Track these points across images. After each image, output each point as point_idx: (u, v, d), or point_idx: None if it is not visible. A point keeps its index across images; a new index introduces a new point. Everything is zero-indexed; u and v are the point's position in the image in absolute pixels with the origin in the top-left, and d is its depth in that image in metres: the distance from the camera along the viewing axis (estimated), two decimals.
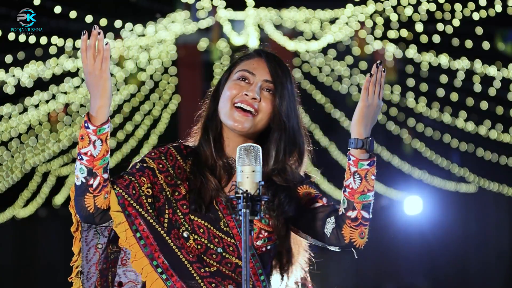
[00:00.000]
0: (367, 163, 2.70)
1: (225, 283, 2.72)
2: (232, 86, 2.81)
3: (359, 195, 2.71)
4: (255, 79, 2.81)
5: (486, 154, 14.15)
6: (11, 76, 10.10)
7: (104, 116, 2.66)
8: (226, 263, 2.74)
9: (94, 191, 2.65)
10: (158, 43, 11.23)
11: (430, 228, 14.95)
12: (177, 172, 2.79)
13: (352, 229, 2.74)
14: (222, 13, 10.66)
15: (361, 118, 2.72)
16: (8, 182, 13.40)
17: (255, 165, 2.53)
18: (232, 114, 2.78)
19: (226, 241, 2.75)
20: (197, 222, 2.74)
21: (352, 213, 2.72)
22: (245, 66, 2.84)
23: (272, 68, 2.81)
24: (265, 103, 2.79)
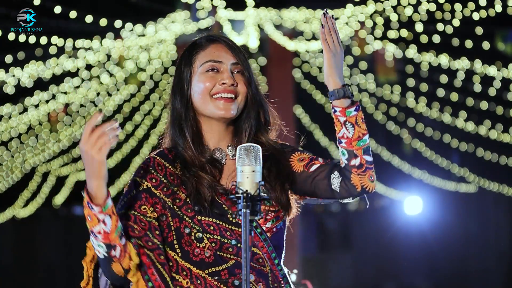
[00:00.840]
0: (354, 109, 2.72)
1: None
2: (204, 79, 2.82)
3: (356, 141, 2.72)
4: (223, 66, 2.83)
5: (486, 154, 14.15)
6: (11, 76, 10.11)
7: (103, 193, 2.70)
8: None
9: (119, 259, 2.68)
10: (158, 43, 11.23)
11: (430, 228, 14.95)
12: (170, 179, 2.79)
13: (361, 176, 2.76)
14: (222, 13, 10.66)
15: (332, 69, 2.74)
16: (8, 182, 13.40)
17: (255, 165, 2.54)
18: (215, 104, 2.80)
19: (237, 232, 2.75)
20: (205, 221, 2.75)
21: (355, 161, 2.74)
22: (206, 56, 2.85)
23: (233, 50, 2.86)
24: (241, 84, 2.83)
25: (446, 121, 12.97)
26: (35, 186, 14.18)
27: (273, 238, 2.81)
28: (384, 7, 10.22)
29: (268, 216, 2.80)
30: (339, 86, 2.73)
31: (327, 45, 2.77)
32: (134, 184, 2.81)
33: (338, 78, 2.74)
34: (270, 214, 2.80)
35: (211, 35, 2.91)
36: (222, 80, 2.81)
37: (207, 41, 2.89)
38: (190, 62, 2.87)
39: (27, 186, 14.20)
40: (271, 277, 2.77)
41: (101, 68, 11.15)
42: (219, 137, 2.85)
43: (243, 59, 2.86)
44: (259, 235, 2.77)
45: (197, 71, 2.84)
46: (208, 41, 2.89)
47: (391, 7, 10.20)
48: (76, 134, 12.65)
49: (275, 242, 2.81)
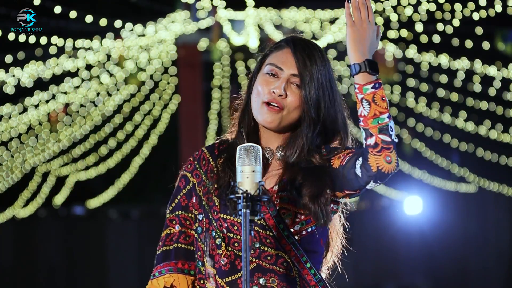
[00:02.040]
0: (371, 86, 2.60)
1: (266, 277, 2.69)
2: (261, 81, 2.77)
3: (372, 119, 2.58)
4: (282, 74, 2.75)
5: (486, 154, 14.15)
6: (11, 76, 10.10)
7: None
8: (265, 257, 2.70)
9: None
10: (158, 43, 11.23)
11: (430, 228, 14.94)
12: (209, 176, 2.79)
13: (376, 156, 2.59)
14: (222, 13, 10.66)
15: (353, 43, 2.65)
16: (8, 182, 13.40)
17: (255, 165, 2.53)
18: (262, 111, 2.75)
19: (262, 234, 2.71)
20: (230, 220, 2.72)
21: (370, 140, 2.59)
22: (274, 59, 2.78)
23: (299, 61, 2.75)
24: (292, 97, 2.74)
25: (446, 121, 12.97)
26: (35, 186, 14.18)
27: (304, 241, 2.73)
28: (384, 7, 10.21)
29: (297, 218, 2.73)
30: (359, 61, 2.63)
31: (352, 20, 2.65)
32: (185, 179, 2.83)
33: (359, 52, 2.64)
34: (299, 216, 2.73)
35: (292, 38, 2.82)
36: (273, 88, 2.74)
37: (286, 42, 2.81)
38: (264, 58, 2.83)
39: (27, 186, 14.20)
40: (300, 281, 2.71)
41: (101, 68, 11.15)
42: (269, 138, 2.80)
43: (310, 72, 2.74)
44: (286, 238, 2.71)
45: (263, 70, 2.80)
46: (286, 43, 2.81)
47: (391, 7, 10.20)
48: (76, 134, 12.65)
49: (306, 246, 2.73)
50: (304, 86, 2.74)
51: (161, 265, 2.79)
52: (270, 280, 2.69)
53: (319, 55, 2.79)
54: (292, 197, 2.73)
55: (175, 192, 2.84)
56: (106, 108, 12.23)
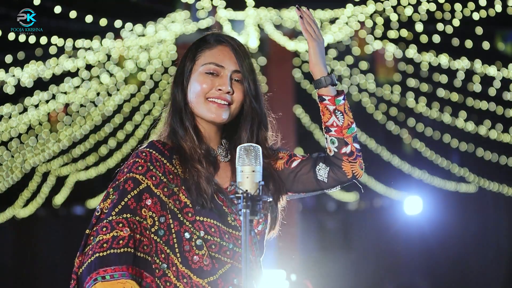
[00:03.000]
0: (342, 98, 2.76)
1: (240, 277, 2.72)
2: (202, 80, 2.81)
3: (346, 129, 2.75)
4: (224, 71, 2.82)
5: (486, 154, 14.15)
6: (11, 76, 10.10)
7: None
8: (238, 257, 2.74)
9: None
10: (158, 43, 11.23)
11: (430, 228, 14.95)
12: (170, 178, 2.75)
13: (351, 163, 2.77)
14: (222, 13, 10.66)
15: (317, 57, 2.76)
16: (8, 182, 13.40)
17: (255, 165, 2.53)
18: (209, 107, 2.80)
19: (234, 235, 2.75)
20: (207, 222, 2.73)
21: (346, 148, 2.76)
22: (210, 58, 2.83)
23: (238, 57, 2.83)
24: (237, 93, 2.82)
25: (446, 121, 12.97)
26: (35, 186, 14.18)
27: (260, 241, 2.82)
28: (384, 7, 10.21)
29: (260, 219, 2.82)
30: (326, 74, 2.76)
31: (310, 34, 2.77)
32: (134, 181, 2.72)
33: (323, 66, 2.77)
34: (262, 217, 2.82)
35: (221, 36, 2.88)
36: (219, 85, 2.80)
37: (215, 41, 2.87)
38: (194, 57, 2.85)
39: (27, 186, 14.20)
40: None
41: (101, 68, 11.15)
42: (210, 136, 2.84)
43: (247, 67, 2.84)
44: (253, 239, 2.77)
45: (198, 69, 2.83)
46: (216, 42, 2.87)
47: (391, 7, 10.20)
48: (76, 134, 12.65)
49: (261, 245, 2.82)
50: (245, 80, 2.82)
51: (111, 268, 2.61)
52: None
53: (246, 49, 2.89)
54: None
55: (120, 194, 2.71)
56: (106, 108, 12.23)
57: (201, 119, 2.83)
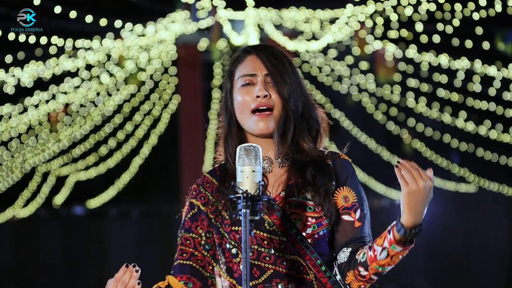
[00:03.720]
0: (401, 249, 2.63)
1: (284, 282, 2.72)
2: (241, 93, 2.80)
3: (377, 265, 2.66)
4: (257, 79, 2.80)
5: (486, 154, 14.14)
6: (11, 76, 10.10)
7: None
8: (281, 262, 2.72)
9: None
10: (158, 43, 11.23)
11: (430, 228, 14.95)
12: (216, 195, 2.82)
13: (356, 280, 2.72)
14: (222, 13, 10.66)
15: (407, 204, 2.58)
16: (8, 182, 13.40)
17: (255, 165, 2.53)
18: (254, 121, 2.78)
19: (276, 240, 2.74)
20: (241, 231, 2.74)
21: (363, 271, 2.69)
22: (242, 70, 2.83)
23: (265, 61, 2.82)
24: (275, 95, 2.80)
25: (446, 121, 12.96)
26: (35, 186, 14.18)
27: (317, 245, 2.76)
28: (384, 7, 10.21)
29: (308, 222, 2.76)
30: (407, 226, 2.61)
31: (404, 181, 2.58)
32: (190, 206, 2.86)
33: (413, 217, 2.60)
34: (311, 220, 2.76)
35: (249, 46, 2.89)
36: (255, 93, 2.78)
37: (243, 52, 2.87)
38: (230, 75, 2.87)
39: (27, 186, 14.20)
40: (317, 285, 2.74)
41: (101, 68, 11.15)
42: (265, 147, 2.80)
43: (278, 69, 2.81)
44: (300, 242, 2.73)
45: (236, 85, 2.84)
46: (245, 53, 2.86)
47: (391, 7, 10.20)
48: (76, 134, 12.64)
49: (319, 249, 2.76)
50: (277, 82, 2.80)
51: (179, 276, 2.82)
52: (289, 285, 2.72)
53: (281, 53, 2.87)
54: (301, 201, 2.76)
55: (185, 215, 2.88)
56: (106, 108, 12.23)
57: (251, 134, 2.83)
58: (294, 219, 2.74)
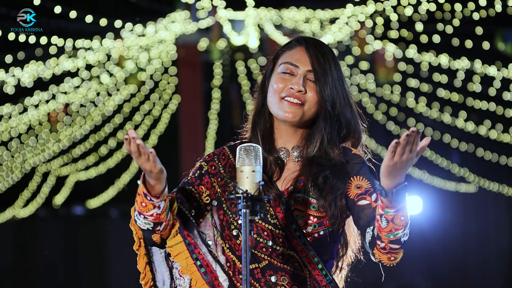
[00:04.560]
0: (393, 211, 2.60)
1: (278, 275, 2.73)
2: (278, 80, 2.82)
3: (386, 233, 2.64)
4: (298, 71, 2.82)
5: (486, 154, 14.14)
6: (11, 76, 10.10)
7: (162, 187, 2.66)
8: (277, 255, 2.74)
9: (161, 232, 2.72)
10: (158, 43, 11.23)
11: (430, 228, 14.94)
12: (228, 170, 2.84)
13: (381, 253, 2.71)
14: (222, 13, 10.66)
15: (387, 173, 2.58)
16: (8, 182, 13.40)
17: (255, 165, 2.53)
18: (282, 106, 2.80)
19: (275, 233, 2.75)
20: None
21: (381, 243, 2.68)
22: (287, 58, 2.84)
23: (313, 57, 2.82)
24: (311, 93, 2.80)
25: (446, 121, 12.96)
26: (35, 186, 14.17)
27: (316, 244, 2.77)
28: (384, 7, 10.21)
29: (309, 220, 2.77)
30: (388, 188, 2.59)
31: (392, 155, 2.56)
32: (199, 167, 2.87)
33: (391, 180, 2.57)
34: (312, 218, 2.77)
35: (303, 37, 2.89)
36: (291, 84, 2.80)
37: (296, 41, 2.88)
38: (276, 58, 2.89)
39: (27, 186, 14.20)
40: (311, 282, 2.75)
41: (101, 68, 11.15)
42: (287, 137, 2.85)
43: (323, 68, 2.81)
44: (298, 239, 2.75)
45: (277, 69, 2.86)
46: (297, 42, 2.88)
47: (391, 7, 10.20)
48: (76, 134, 12.64)
49: (318, 248, 2.77)
50: (319, 81, 2.80)
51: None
52: (281, 279, 2.73)
53: (330, 53, 2.86)
54: (306, 198, 2.77)
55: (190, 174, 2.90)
56: (106, 108, 12.23)
57: (278, 119, 2.84)
58: (297, 215, 2.76)
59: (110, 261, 14.40)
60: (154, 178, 2.63)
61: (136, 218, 2.71)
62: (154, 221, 2.67)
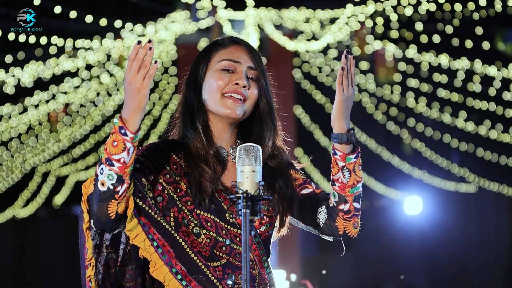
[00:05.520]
0: (354, 156, 2.71)
1: (236, 274, 2.75)
2: (218, 77, 2.82)
3: (350, 188, 2.72)
4: (240, 67, 2.83)
5: (486, 154, 14.15)
6: (11, 76, 10.10)
7: (138, 123, 2.61)
8: (235, 254, 2.76)
9: (119, 198, 2.61)
10: (158, 43, 11.23)
11: (430, 228, 14.95)
12: (173, 168, 2.78)
13: (345, 221, 2.76)
14: (222, 13, 10.66)
15: (341, 112, 2.71)
16: (8, 182, 13.40)
17: (255, 165, 2.53)
18: (224, 102, 2.80)
19: (232, 232, 2.77)
20: (204, 216, 2.75)
21: (344, 206, 2.74)
22: (226, 55, 2.85)
23: (253, 55, 2.85)
24: (253, 89, 2.83)
25: (446, 121, 12.97)
26: (35, 186, 14.18)
27: (265, 243, 2.83)
28: (384, 7, 10.22)
29: (263, 220, 2.82)
30: (344, 131, 2.71)
31: (342, 87, 2.69)
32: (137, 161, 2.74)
33: (345, 122, 2.71)
34: (265, 218, 2.83)
35: (235, 37, 2.92)
36: (235, 80, 2.81)
37: (229, 41, 2.90)
38: (208, 57, 2.88)
39: (27, 186, 14.20)
40: (258, 279, 2.79)
41: (101, 68, 11.15)
42: (223, 136, 2.85)
43: (261, 66, 2.86)
44: (253, 238, 2.79)
45: (213, 67, 2.85)
46: (231, 41, 2.89)
47: (391, 7, 10.20)
48: (76, 134, 12.65)
49: (265, 248, 2.84)
50: (262, 77, 2.85)
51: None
52: (239, 277, 2.75)
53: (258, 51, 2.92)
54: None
55: None
56: (106, 108, 12.23)
57: (215, 117, 2.83)
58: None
59: None
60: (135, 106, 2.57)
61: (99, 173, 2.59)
62: (119, 171, 2.57)
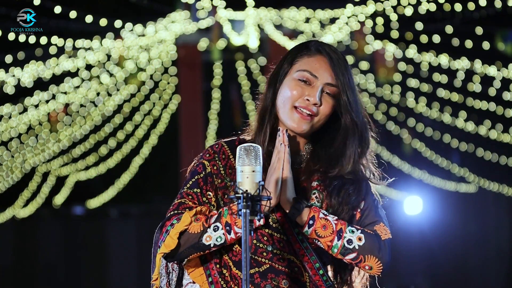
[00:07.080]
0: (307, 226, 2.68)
1: (279, 278, 2.70)
2: (293, 87, 2.74)
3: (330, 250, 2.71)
4: (317, 82, 2.74)
5: (486, 154, 14.15)
6: (11, 76, 10.10)
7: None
8: (278, 259, 2.71)
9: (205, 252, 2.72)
10: (158, 43, 11.23)
11: (430, 228, 14.95)
12: (228, 172, 2.77)
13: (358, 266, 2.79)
14: (222, 13, 10.66)
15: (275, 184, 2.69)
16: (8, 182, 13.40)
17: (255, 165, 2.53)
18: (292, 115, 2.73)
19: (276, 237, 2.72)
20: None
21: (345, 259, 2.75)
22: (306, 65, 2.75)
23: (335, 70, 2.74)
24: (325, 106, 2.74)
25: (446, 121, 12.97)
26: (35, 186, 14.18)
27: (318, 249, 2.75)
28: (384, 7, 10.21)
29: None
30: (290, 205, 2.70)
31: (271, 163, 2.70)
32: (202, 166, 2.78)
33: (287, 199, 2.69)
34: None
35: (323, 45, 2.79)
36: (308, 95, 2.73)
37: (316, 49, 2.78)
38: (292, 61, 2.79)
39: (27, 186, 14.20)
40: (310, 286, 2.73)
41: (101, 68, 11.15)
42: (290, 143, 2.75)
43: (345, 81, 2.74)
44: (300, 243, 2.73)
45: (292, 74, 2.76)
46: (317, 50, 2.77)
47: (391, 7, 10.19)
48: (76, 134, 12.64)
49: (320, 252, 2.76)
50: (343, 93, 2.74)
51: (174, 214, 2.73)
52: (282, 282, 2.70)
53: (347, 64, 2.79)
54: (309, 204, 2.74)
55: (191, 174, 2.80)
56: (106, 108, 12.23)
57: (284, 125, 2.77)
58: None
59: (110, 261, 14.40)
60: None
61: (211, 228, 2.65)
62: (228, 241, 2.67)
